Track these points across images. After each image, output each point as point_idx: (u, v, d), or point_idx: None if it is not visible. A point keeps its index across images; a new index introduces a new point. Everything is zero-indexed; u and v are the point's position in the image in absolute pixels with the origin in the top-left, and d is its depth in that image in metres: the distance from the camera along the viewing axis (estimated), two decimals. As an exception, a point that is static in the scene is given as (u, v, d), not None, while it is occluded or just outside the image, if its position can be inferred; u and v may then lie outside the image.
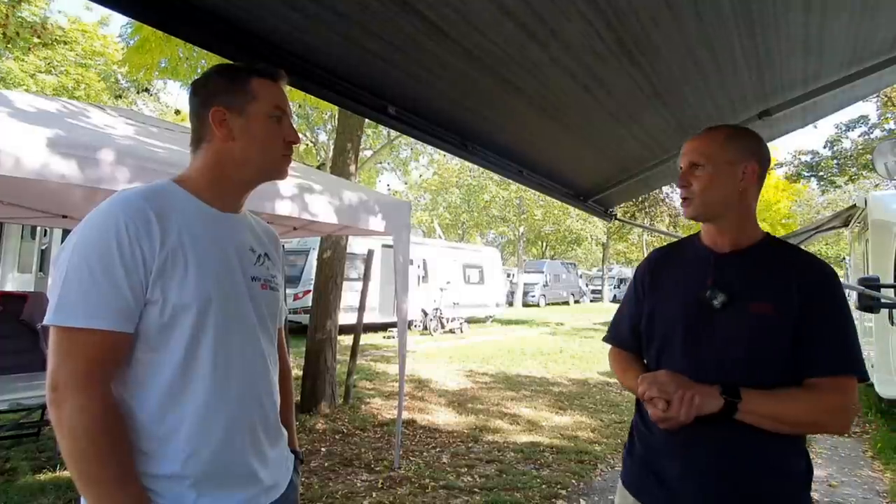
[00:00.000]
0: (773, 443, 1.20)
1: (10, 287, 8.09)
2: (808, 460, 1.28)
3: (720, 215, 1.31)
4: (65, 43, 15.63)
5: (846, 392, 1.19)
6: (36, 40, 14.42)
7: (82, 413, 0.93)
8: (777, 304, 1.22)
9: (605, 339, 1.55)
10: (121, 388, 1.01)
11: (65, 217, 4.23)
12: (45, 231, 8.29)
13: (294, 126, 1.17)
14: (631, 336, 1.45)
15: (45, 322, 0.97)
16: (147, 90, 18.45)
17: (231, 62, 1.26)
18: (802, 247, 1.35)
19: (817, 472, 4.30)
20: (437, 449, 4.65)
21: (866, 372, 1.22)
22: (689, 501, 1.26)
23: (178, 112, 16.64)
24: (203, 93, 1.12)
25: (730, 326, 1.24)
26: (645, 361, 1.43)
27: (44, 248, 8.42)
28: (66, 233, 7.98)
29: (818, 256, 1.33)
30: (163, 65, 6.74)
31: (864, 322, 6.23)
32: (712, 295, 1.26)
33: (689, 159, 1.32)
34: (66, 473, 3.66)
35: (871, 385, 5.93)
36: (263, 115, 1.10)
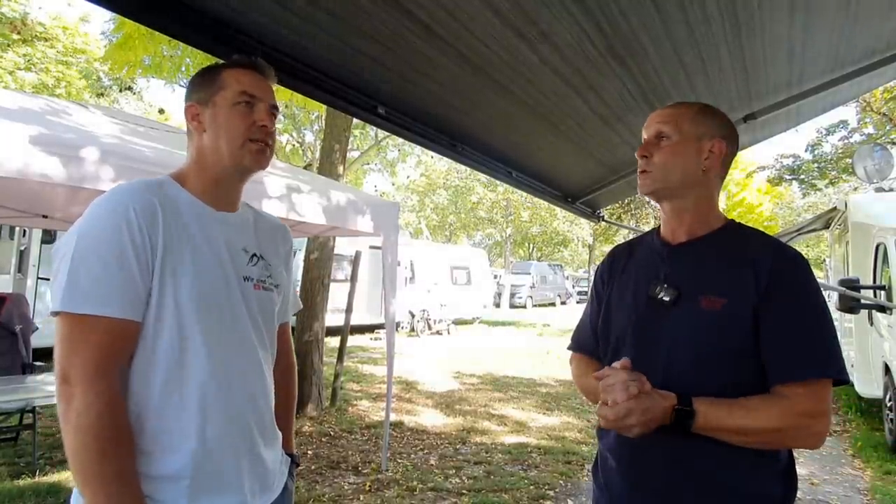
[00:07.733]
0: (739, 461, 1.05)
1: (-13, 288, 7.89)
2: (788, 484, 1.12)
3: (678, 195, 1.17)
4: (45, 40, 15.34)
5: (819, 398, 1.03)
6: (15, 37, 14.15)
7: (90, 409, 0.90)
8: (729, 297, 1.07)
9: (569, 347, 1.41)
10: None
11: (44, 217, 4.15)
12: (24, 231, 8.10)
13: (268, 113, 1.11)
14: (593, 340, 1.31)
15: (53, 309, 0.93)
16: (130, 88, 18.21)
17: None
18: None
19: (798, 470, 4.37)
20: (425, 451, 4.64)
21: (845, 372, 1.03)
22: None
23: (161, 111, 16.44)
24: (187, 92, 1.15)
25: (679, 325, 1.10)
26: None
27: (23, 248, 8.22)
28: (45, 233, 7.83)
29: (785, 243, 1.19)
30: (146, 62, 6.65)
31: (843, 322, 6.35)
32: (661, 291, 1.14)
33: (657, 129, 1.18)
34: (45, 479, 3.58)
35: (851, 384, 6.06)
36: (229, 101, 1.09)
